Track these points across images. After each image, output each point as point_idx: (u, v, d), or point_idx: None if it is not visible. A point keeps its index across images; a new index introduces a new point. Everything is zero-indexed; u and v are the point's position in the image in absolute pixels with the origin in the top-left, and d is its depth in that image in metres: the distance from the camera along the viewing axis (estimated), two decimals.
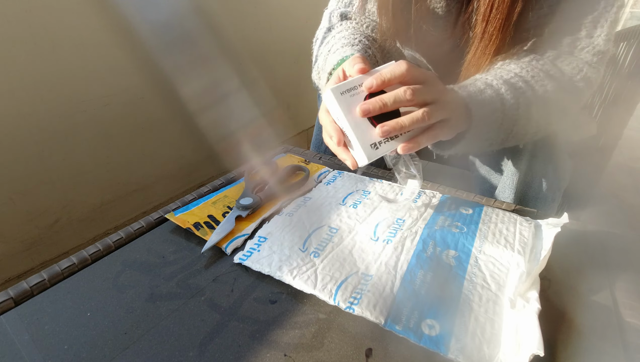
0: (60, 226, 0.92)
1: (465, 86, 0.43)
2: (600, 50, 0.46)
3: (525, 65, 0.46)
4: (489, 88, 0.43)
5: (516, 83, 0.44)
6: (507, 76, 0.45)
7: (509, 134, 0.46)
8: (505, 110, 0.43)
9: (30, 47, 0.78)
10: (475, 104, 0.42)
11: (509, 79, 0.44)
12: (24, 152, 0.82)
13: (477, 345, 0.28)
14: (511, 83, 0.44)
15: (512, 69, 0.46)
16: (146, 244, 0.41)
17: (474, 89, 0.43)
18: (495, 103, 0.43)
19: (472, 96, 0.42)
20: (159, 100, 1.05)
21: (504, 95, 0.43)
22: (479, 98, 0.42)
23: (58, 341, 0.30)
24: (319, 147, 0.67)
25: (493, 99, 0.43)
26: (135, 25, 0.82)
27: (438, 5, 0.53)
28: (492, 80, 0.44)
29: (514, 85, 0.44)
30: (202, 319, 0.31)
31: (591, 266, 0.38)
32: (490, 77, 0.45)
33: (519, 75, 0.45)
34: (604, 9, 0.45)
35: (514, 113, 0.44)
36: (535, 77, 0.45)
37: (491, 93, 0.43)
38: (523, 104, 0.44)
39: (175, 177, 1.19)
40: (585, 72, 0.46)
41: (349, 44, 0.53)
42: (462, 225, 0.41)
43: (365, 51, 0.53)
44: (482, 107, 0.42)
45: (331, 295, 0.32)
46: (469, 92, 0.42)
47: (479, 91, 0.43)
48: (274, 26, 1.40)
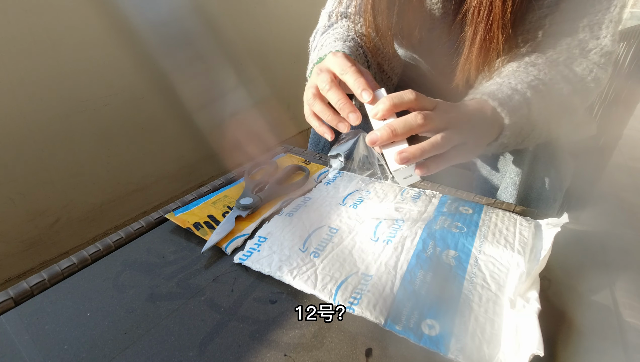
0: (60, 226, 0.92)
1: (493, 93, 0.42)
2: (608, 50, 0.46)
3: (542, 67, 0.45)
4: (516, 93, 0.42)
5: (537, 86, 0.44)
6: (528, 79, 0.44)
7: (526, 138, 0.45)
8: (530, 116, 0.43)
9: (30, 47, 0.78)
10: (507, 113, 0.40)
11: (530, 82, 0.44)
12: (24, 152, 0.82)
13: (477, 345, 0.28)
14: (533, 86, 0.43)
15: (530, 71, 0.45)
16: (146, 244, 0.41)
17: (502, 95, 0.42)
18: (523, 109, 0.42)
19: (503, 105, 0.41)
20: (159, 100, 1.05)
21: (530, 100, 0.42)
22: (509, 105, 0.41)
23: (58, 341, 0.30)
24: (316, 146, 0.67)
25: (521, 105, 0.42)
26: (135, 25, 0.82)
27: (435, 7, 0.53)
28: (517, 85, 0.43)
29: (536, 87, 0.43)
30: (202, 319, 0.31)
31: (591, 266, 0.38)
32: (514, 80, 0.44)
33: (538, 78, 0.44)
34: (608, 9, 0.45)
35: (535, 118, 0.43)
36: (552, 79, 0.45)
37: (519, 99, 0.42)
38: (543, 108, 0.43)
39: (175, 177, 1.19)
40: (595, 73, 0.46)
41: (341, 39, 0.53)
42: (462, 225, 0.41)
43: (357, 49, 0.53)
44: (513, 115, 0.41)
45: (331, 295, 0.32)
46: (499, 100, 0.41)
47: (508, 97, 0.42)
48: (273, 26, 1.40)
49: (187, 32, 0.90)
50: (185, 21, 0.89)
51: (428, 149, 0.35)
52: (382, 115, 0.36)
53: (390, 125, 0.35)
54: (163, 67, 0.89)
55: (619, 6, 0.45)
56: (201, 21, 0.95)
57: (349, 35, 0.54)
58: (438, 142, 0.35)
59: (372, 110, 0.37)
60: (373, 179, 0.52)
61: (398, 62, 0.61)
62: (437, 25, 0.54)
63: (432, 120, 0.35)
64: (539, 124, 0.44)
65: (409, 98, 0.36)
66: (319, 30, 0.61)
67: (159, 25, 0.84)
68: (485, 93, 0.42)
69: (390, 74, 0.60)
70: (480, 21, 0.45)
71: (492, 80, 0.46)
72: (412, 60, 0.64)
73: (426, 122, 0.35)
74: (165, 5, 0.83)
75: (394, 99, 0.36)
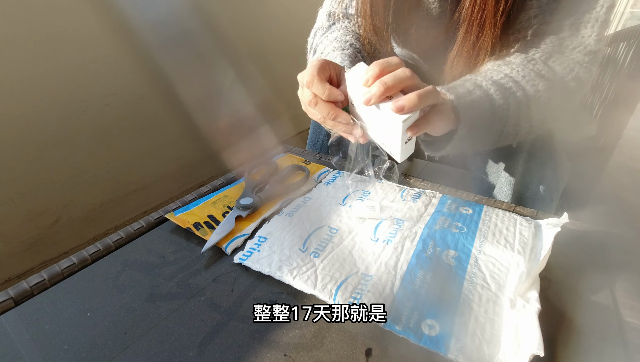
0: (60, 226, 0.92)
1: (454, 88, 0.43)
2: (591, 50, 0.46)
3: (516, 65, 0.46)
4: (478, 89, 0.43)
5: (506, 83, 0.44)
6: (497, 77, 0.45)
7: (500, 134, 0.46)
8: (495, 111, 0.43)
9: (30, 47, 0.78)
10: (463, 105, 0.41)
11: (498, 80, 0.44)
12: (24, 152, 0.82)
13: (477, 345, 0.28)
14: (500, 84, 0.44)
15: (502, 70, 0.46)
16: (146, 244, 0.41)
17: (463, 90, 0.43)
18: (484, 104, 0.43)
19: (461, 97, 0.42)
20: (159, 100, 1.05)
21: (492, 95, 0.43)
22: (467, 99, 0.42)
23: (58, 341, 0.30)
24: (314, 145, 0.67)
25: (482, 99, 0.43)
26: (135, 25, 0.82)
27: (432, 6, 0.53)
28: (482, 81, 0.44)
29: (503, 85, 0.44)
30: (202, 319, 0.31)
31: (591, 266, 0.38)
32: (480, 77, 0.45)
33: (509, 75, 0.45)
34: (594, 9, 0.45)
35: (504, 113, 0.44)
36: (526, 77, 0.45)
37: (480, 94, 0.43)
38: (513, 104, 0.44)
39: (175, 177, 1.19)
40: (577, 72, 0.46)
41: (339, 47, 0.53)
42: (462, 225, 0.41)
43: (356, 55, 0.53)
44: (470, 109, 0.42)
45: (331, 295, 0.32)
46: (457, 93, 0.42)
47: (468, 92, 0.43)
48: (273, 26, 1.40)
49: (187, 32, 0.90)
50: (185, 21, 0.89)
51: (423, 94, 0.35)
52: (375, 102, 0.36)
53: (381, 80, 0.35)
54: (163, 67, 0.89)
55: (605, 6, 0.44)
56: (201, 21, 0.95)
57: (347, 41, 0.54)
58: (430, 90, 0.35)
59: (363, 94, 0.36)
60: (373, 179, 0.52)
61: None
62: (434, 24, 0.54)
63: (417, 77, 0.36)
64: (511, 120, 0.45)
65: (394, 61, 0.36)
66: (318, 31, 0.61)
67: (158, 25, 0.84)
68: (445, 87, 0.43)
69: None
70: (474, 20, 0.45)
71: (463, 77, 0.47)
72: (411, 60, 0.64)
73: (413, 75, 0.36)
74: (165, 5, 0.83)
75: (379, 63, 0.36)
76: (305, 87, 0.40)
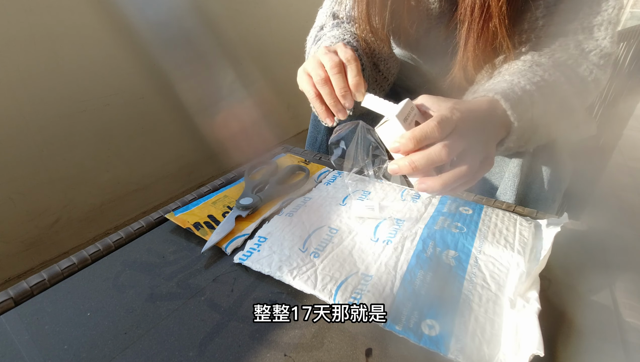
0: (60, 226, 0.92)
1: (505, 93, 0.41)
2: (607, 52, 0.46)
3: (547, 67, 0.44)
4: (526, 95, 0.42)
5: (543, 87, 0.43)
6: (535, 79, 0.43)
7: (527, 141, 0.44)
8: (533, 119, 0.42)
9: (30, 47, 0.78)
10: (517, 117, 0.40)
11: (537, 82, 0.43)
12: (24, 152, 0.82)
13: (477, 345, 0.28)
14: (540, 87, 0.43)
15: (536, 71, 0.44)
16: (146, 244, 0.41)
17: (515, 97, 0.41)
18: (528, 113, 0.41)
19: (514, 107, 0.40)
20: (159, 101, 1.05)
21: (535, 103, 0.42)
22: (519, 108, 0.40)
23: (58, 341, 0.30)
24: (313, 145, 0.67)
25: (528, 108, 0.41)
26: (135, 25, 0.82)
27: (432, 6, 0.53)
28: (526, 85, 0.42)
29: (541, 89, 0.43)
30: (202, 319, 0.31)
31: (591, 266, 0.38)
32: (523, 81, 0.43)
33: (544, 78, 0.44)
34: (606, 10, 0.45)
35: (537, 121, 0.43)
36: (556, 81, 0.44)
37: (527, 101, 0.41)
38: (546, 110, 0.43)
39: (175, 177, 1.19)
40: (595, 74, 0.46)
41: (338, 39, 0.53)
42: (462, 225, 0.41)
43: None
44: (521, 118, 0.40)
45: (331, 295, 0.32)
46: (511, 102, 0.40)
47: (519, 99, 0.41)
48: (273, 27, 1.40)
49: (187, 32, 0.90)
50: (185, 21, 0.89)
51: (450, 181, 0.33)
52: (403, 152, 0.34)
53: (411, 161, 0.33)
54: (163, 67, 0.89)
55: (617, 8, 0.44)
56: (201, 21, 0.95)
57: (345, 37, 0.54)
58: (463, 172, 0.33)
59: (391, 142, 0.35)
60: (373, 179, 0.52)
61: (394, 62, 0.61)
62: (434, 24, 0.54)
63: (454, 150, 0.33)
64: (540, 127, 0.44)
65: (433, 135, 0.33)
66: (317, 30, 0.61)
67: (159, 25, 0.84)
68: (498, 92, 0.41)
69: (386, 74, 0.60)
70: (475, 18, 0.45)
71: (500, 78, 0.46)
72: (411, 60, 0.64)
73: (449, 154, 0.33)
74: (165, 5, 0.83)
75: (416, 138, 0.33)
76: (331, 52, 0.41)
